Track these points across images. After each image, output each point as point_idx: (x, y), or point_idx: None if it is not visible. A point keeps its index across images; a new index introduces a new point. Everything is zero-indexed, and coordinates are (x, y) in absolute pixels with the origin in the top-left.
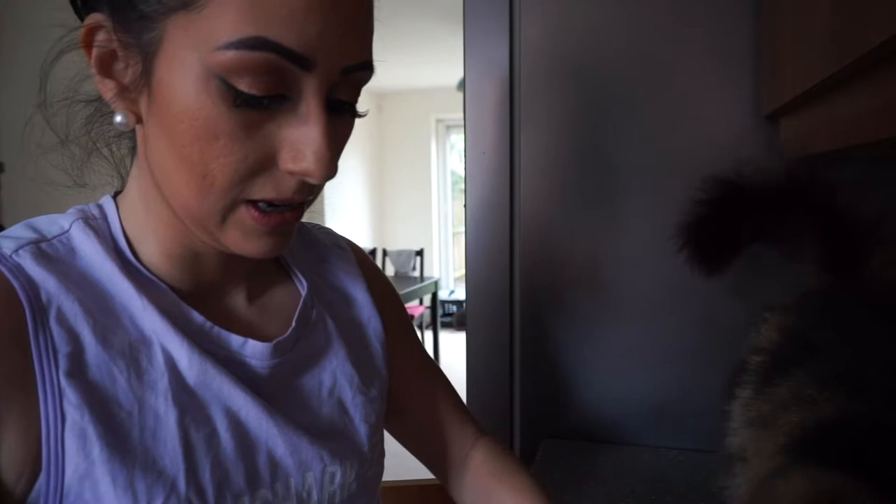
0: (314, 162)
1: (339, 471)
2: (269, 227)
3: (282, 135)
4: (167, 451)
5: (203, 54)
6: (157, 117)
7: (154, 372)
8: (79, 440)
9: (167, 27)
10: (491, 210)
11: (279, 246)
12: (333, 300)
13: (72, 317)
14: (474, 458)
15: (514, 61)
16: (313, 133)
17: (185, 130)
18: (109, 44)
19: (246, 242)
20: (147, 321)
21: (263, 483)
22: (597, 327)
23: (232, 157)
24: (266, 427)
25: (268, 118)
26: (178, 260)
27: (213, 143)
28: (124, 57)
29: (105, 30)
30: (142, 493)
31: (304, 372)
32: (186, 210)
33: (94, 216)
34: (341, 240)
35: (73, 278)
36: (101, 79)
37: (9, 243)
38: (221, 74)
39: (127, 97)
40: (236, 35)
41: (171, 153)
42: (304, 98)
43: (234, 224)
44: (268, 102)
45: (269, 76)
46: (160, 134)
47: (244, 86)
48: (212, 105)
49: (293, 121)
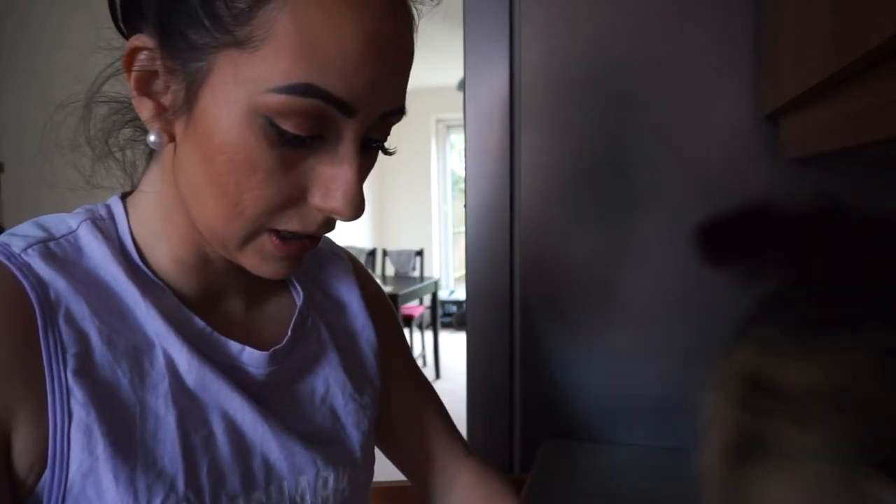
0: (344, 203)
1: (332, 476)
2: (287, 253)
3: (315, 172)
4: (167, 451)
5: (252, 93)
6: (195, 143)
7: (155, 374)
8: (84, 437)
9: (217, 60)
10: (491, 210)
11: (292, 269)
12: (328, 308)
13: (80, 317)
14: (462, 477)
15: (514, 61)
16: (347, 175)
17: (225, 162)
18: (152, 65)
19: (263, 265)
20: (150, 324)
21: (258, 486)
22: (597, 327)
23: (267, 190)
24: (261, 431)
25: (305, 156)
26: (187, 266)
27: (250, 177)
28: (166, 80)
29: (149, 52)
30: (142, 491)
31: (299, 379)
32: (210, 230)
33: (101, 217)
34: (339, 249)
35: (81, 278)
36: (139, 98)
37: (18, 242)
38: (268, 114)
39: (164, 118)
40: (288, 80)
41: (206, 179)
42: (341, 140)
43: (253, 248)
44: (309, 142)
45: (313, 120)
46: (197, 160)
47: (288, 126)
48: (254, 141)
49: (328, 159)
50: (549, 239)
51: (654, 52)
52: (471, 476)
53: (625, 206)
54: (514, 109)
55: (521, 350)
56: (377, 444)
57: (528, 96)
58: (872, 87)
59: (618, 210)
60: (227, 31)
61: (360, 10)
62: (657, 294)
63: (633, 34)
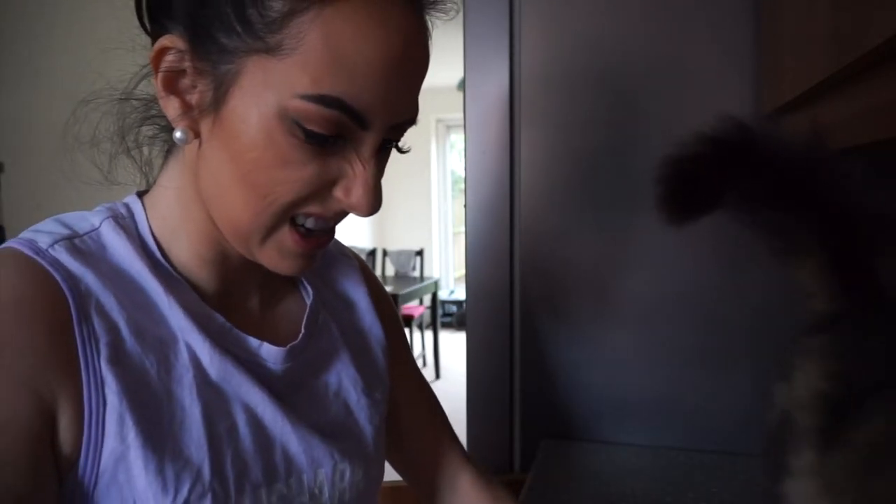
0: (365, 201)
1: (349, 469)
2: (305, 249)
3: (339, 167)
4: (193, 440)
5: (281, 97)
6: (222, 142)
7: (180, 367)
8: (117, 425)
9: (246, 64)
10: (491, 210)
11: (306, 267)
12: (337, 306)
13: (109, 309)
14: (461, 479)
15: (514, 61)
16: (366, 175)
17: (255, 159)
18: (180, 64)
19: (281, 262)
20: (173, 318)
21: (279, 477)
22: (596, 327)
23: (300, 182)
24: (281, 424)
25: (329, 153)
26: (206, 262)
27: (281, 170)
28: (193, 80)
29: (177, 51)
30: (171, 478)
31: (313, 374)
32: (234, 226)
33: (122, 215)
34: (346, 249)
35: (107, 273)
36: (166, 96)
37: (44, 238)
38: (295, 118)
39: (190, 116)
40: (316, 90)
41: (234, 175)
42: (361, 144)
43: (273, 244)
44: (332, 141)
45: (335, 125)
46: (225, 157)
47: (314, 127)
48: (283, 139)
49: (351, 157)
50: (549, 239)
51: (654, 52)
52: (470, 478)
53: (625, 207)
54: (514, 109)
55: (521, 350)
56: None
57: (527, 96)
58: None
59: (618, 210)
60: (259, 38)
61: (387, 30)
62: (657, 294)
63: (633, 34)
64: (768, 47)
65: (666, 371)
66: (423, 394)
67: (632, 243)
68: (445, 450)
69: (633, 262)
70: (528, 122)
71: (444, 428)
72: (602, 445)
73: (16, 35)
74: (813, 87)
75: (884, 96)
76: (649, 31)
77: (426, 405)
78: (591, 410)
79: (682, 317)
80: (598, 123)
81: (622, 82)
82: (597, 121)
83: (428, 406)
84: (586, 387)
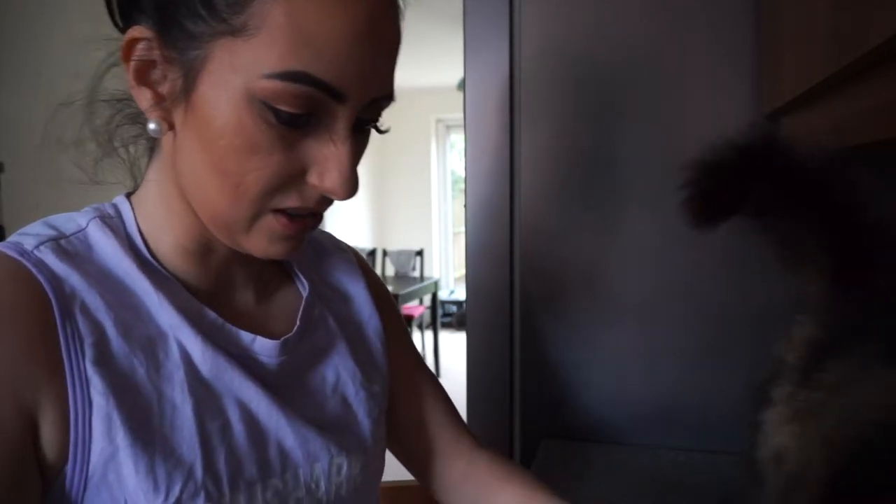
0: (340, 182)
1: (346, 463)
2: (293, 231)
3: (312, 152)
4: (184, 439)
5: (247, 79)
6: (194, 130)
7: (170, 364)
8: (104, 425)
9: (213, 48)
10: (491, 210)
11: (296, 248)
12: (334, 299)
13: (94, 309)
14: (477, 466)
15: (514, 61)
16: (341, 156)
17: (225, 145)
18: (150, 55)
19: (269, 246)
20: (163, 316)
21: (274, 473)
22: (597, 327)
23: (267, 169)
24: (276, 419)
25: (302, 135)
26: (192, 255)
27: (250, 157)
28: (164, 69)
29: (146, 42)
30: (162, 478)
31: (309, 368)
32: (215, 216)
33: (109, 215)
34: (342, 243)
35: (93, 274)
36: (138, 87)
37: (29, 240)
38: (263, 98)
39: (162, 107)
40: (281, 67)
41: (207, 164)
42: (334, 122)
43: (259, 230)
44: (304, 121)
45: (306, 102)
46: (197, 146)
47: (283, 107)
48: (252, 124)
49: (324, 139)
50: (549, 239)
51: (655, 53)
52: (489, 462)
53: (625, 207)
54: (514, 109)
55: (521, 350)
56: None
57: (527, 96)
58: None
59: (618, 210)
60: (223, 21)
61: (349, 2)
62: (658, 294)
63: (634, 34)
64: (768, 47)
65: (666, 371)
66: (425, 382)
67: (632, 243)
68: (454, 436)
69: (633, 261)
70: (528, 121)
71: (450, 414)
72: (602, 445)
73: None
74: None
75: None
76: (650, 32)
77: (428, 392)
78: (591, 410)
79: (682, 316)
80: (598, 124)
81: (623, 82)
82: (597, 121)
83: (430, 393)
84: (586, 387)
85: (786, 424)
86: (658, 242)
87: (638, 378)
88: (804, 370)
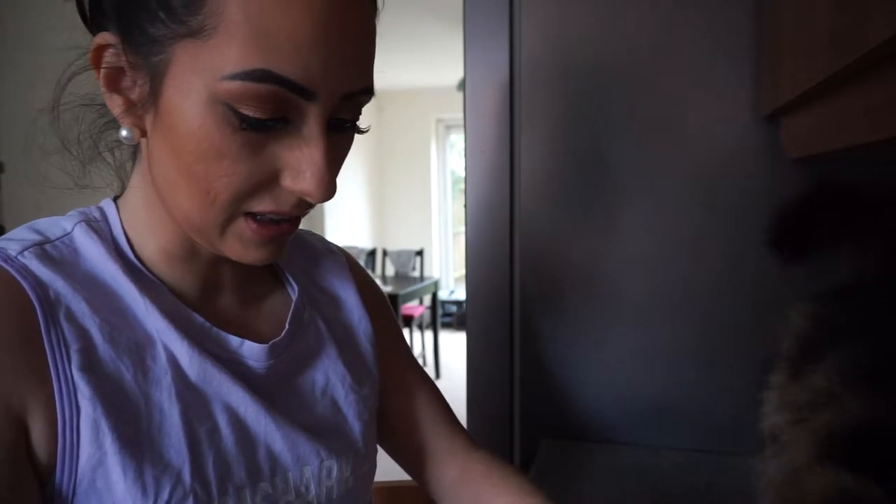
0: (314, 184)
1: (336, 466)
2: (267, 238)
3: (284, 155)
4: (172, 444)
5: (209, 82)
6: (162, 135)
7: (158, 369)
8: (92, 431)
9: (175, 52)
10: (491, 210)
11: (275, 254)
12: (324, 302)
13: (80, 315)
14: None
15: (515, 61)
16: (314, 156)
17: (192, 151)
18: (118, 61)
19: (245, 251)
20: (149, 321)
21: (263, 477)
22: (596, 327)
23: (235, 176)
24: (264, 423)
25: (271, 139)
26: (176, 259)
27: (218, 163)
28: (132, 75)
29: (114, 48)
30: (150, 483)
31: (299, 371)
32: (188, 221)
33: (95, 218)
34: (333, 246)
35: (79, 279)
36: (109, 94)
37: (14, 245)
38: (227, 101)
39: (134, 113)
40: (241, 67)
41: (176, 169)
42: (306, 122)
43: (232, 235)
44: (271, 125)
45: (272, 103)
46: (166, 151)
47: (248, 111)
48: (217, 129)
49: (295, 142)
50: (549, 239)
51: (655, 53)
52: (484, 465)
53: (625, 207)
54: (514, 109)
55: (521, 350)
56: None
57: (528, 96)
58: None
59: (618, 210)
60: (181, 22)
61: None
62: (658, 294)
63: (634, 34)
64: (768, 48)
65: (666, 371)
66: (419, 383)
67: (632, 243)
68: (449, 437)
69: (633, 261)
70: (528, 122)
71: (445, 415)
72: (602, 445)
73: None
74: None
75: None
76: (649, 32)
77: (422, 393)
78: (591, 410)
79: (682, 316)
80: (598, 123)
81: (623, 83)
82: (597, 120)
83: (424, 394)
84: (586, 386)
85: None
86: (658, 242)
87: (638, 378)
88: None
